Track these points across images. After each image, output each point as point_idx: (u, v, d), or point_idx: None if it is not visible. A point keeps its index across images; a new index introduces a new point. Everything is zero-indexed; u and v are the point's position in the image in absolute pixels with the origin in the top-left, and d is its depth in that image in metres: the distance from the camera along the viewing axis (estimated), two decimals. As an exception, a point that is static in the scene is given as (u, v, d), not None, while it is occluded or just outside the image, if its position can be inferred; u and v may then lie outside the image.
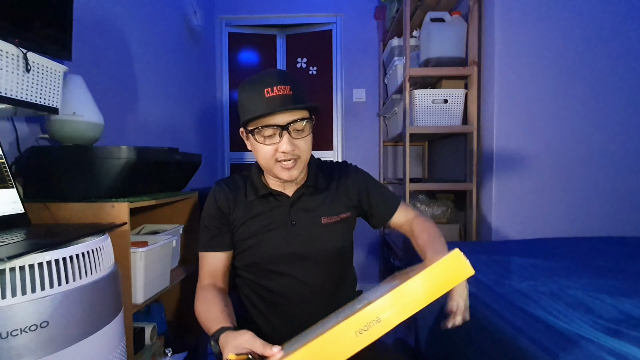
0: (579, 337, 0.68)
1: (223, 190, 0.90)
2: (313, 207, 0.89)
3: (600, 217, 1.63)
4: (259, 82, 0.78)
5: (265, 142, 0.79)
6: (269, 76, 0.78)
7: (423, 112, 1.81)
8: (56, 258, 0.63)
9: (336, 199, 0.91)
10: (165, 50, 1.96)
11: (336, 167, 0.98)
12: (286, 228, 0.87)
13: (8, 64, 0.79)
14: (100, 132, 1.13)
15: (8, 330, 0.56)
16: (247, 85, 0.81)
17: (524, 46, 1.62)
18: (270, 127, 0.77)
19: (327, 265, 0.89)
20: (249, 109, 0.78)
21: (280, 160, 0.80)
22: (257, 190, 0.89)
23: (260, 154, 0.81)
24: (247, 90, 0.80)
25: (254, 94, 0.77)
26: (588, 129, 1.63)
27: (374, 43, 2.83)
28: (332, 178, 0.94)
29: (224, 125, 3.01)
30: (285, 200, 0.89)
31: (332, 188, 0.92)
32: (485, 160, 1.73)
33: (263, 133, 0.78)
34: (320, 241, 0.88)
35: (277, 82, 0.77)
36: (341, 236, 0.91)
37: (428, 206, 2.15)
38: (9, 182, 0.83)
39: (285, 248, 0.86)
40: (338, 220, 0.90)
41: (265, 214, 0.88)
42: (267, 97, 0.76)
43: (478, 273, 1.11)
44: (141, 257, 1.01)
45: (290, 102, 0.77)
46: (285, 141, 0.78)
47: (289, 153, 0.79)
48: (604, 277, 0.99)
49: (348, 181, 0.94)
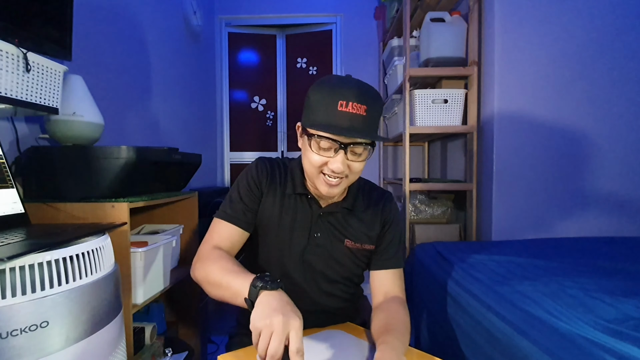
0: (579, 337, 0.68)
1: (266, 168, 0.86)
2: (341, 226, 0.85)
3: (600, 217, 1.63)
4: (336, 89, 0.71)
5: (319, 152, 0.74)
6: (348, 87, 0.71)
7: (423, 112, 1.81)
8: (56, 258, 0.63)
9: (366, 227, 0.86)
10: (165, 50, 1.96)
11: (378, 193, 0.92)
12: (307, 237, 0.84)
13: (8, 64, 0.79)
14: (100, 132, 1.13)
15: (8, 330, 0.56)
16: (324, 87, 0.73)
17: (524, 46, 1.62)
18: (329, 141, 0.72)
19: (339, 285, 0.87)
20: (316, 113, 0.72)
21: (325, 174, 0.75)
22: (296, 186, 0.84)
23: (309, 159, 0.76)
24: (322, 92, 0.72)
25: (327, 100, 0.70)
26: (588, 128, 1.63)
27: (374, 43, 2.83)
28: (370, 203, 0.89)
29: (224, 125, 3.01)
30: (316, 209, 0.84)
31: (367, 214, 0.87)
32: (485, 160, 1.73)
33: (320, 143, 0.73)
34: (336, 263, 0.85)
35: (355, 97, 0.69)
36: (360, 262, 0.88)
37: (428, 206, 2.15)
38: (9, 182, 0.83)
39: (300, 256, 0.84)
40: (361, 248, 0.86)
41: (294, 213, 0.84)
42: (339, 111, 0.69)
43: (478, 273, 1.12)
44: (141, 257, 1.01)
45: (360, 124, 0.70)
46: (339, 160, 0.72)
47: (338, 172, 0.74)
48: (604, 277, 0.99)
49: (384, 211, 0.88)
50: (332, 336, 0.77)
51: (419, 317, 1.40)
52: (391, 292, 0.84)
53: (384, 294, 0.84)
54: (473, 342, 0.98)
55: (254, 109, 3.09)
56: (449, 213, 2.15)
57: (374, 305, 0.85)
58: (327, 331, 0.80)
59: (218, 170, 2.99)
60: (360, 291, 0.98)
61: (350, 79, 0.74)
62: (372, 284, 0.88)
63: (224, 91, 2.99)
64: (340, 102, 0.69)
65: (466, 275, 1.13)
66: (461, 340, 1.04)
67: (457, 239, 1.93)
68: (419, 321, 1.40)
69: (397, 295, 0.84)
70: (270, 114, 3.10)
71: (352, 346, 0.73)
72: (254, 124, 3.09)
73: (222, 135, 3.00)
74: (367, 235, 0.86)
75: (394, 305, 0.80)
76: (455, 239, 1.93)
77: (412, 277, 1.59)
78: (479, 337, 0.95)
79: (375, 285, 0.87)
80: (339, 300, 0.88)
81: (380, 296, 0.85)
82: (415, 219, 2.14)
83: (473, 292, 1.03)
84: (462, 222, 2.00)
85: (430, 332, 1.31)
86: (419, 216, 2.15)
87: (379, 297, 0.85)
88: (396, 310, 0.79)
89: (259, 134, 3.09)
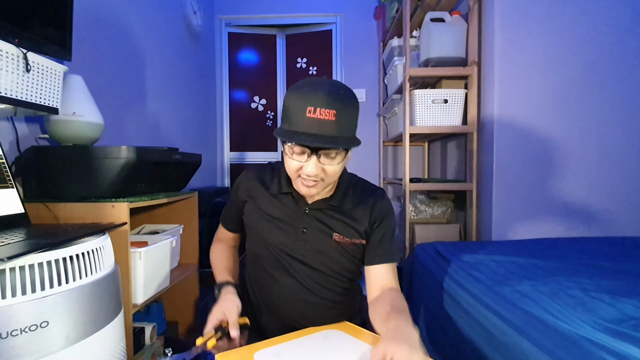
0: (579, 337, 0.68)
1: (254, 175, 0.93)
2: (328, 222, 0.87)
3: (600, 217, 1.63)
4: (305, 95, 0.71)
5: (292, 156, 0.76)
6: (317, 93, 0.71)
7: (423, 112, 1.81)
8: (56, 258, 0.63)
9: (353, 222, 0.87)
10: (165, 50, 1.96)
11: (370, 190, 0.92)
12: (296, 233, 0.86)
13: (8, 64, 0.79)
14: (100, 132, 1.13)
15: (8, 330, 0.56)
16: (295, 92, 0.74)
17: (524, 46, 1.62)
18: (301, 147, 0.73)
19: (330, 278, 0.89)
20: (288, 119, 0.74)
21: (301, 177, 0.77)
22: (282, 186, 0.89)
23: (286, 164, 0.79)
24: (293, 98, 0.73)
25: (297, 106, 0.71)
26: (588, 128, 1.63)
27: (374, 43, 2.83)
28: (360, 201, 0.89)
29: (224, 125, 3.01)
30: (302, 205, 0.87)
31: (356, 211, 0.88)
32: (486, 160, 1.73)
33: (293, 149, 0.75)
34: (325, 256, 0.87)
35: (324, 103, 0.70)
36: (351, 257, 0.88)
37: (428, 206, 2.15)
38: (9, 182, 0.83)
39: (290, 250, 0.86)
40: (350, 243, 0.87)
41: (280, 210, 0.88)
42: (307, 117, 0.70)
43: (478, 273, 1.12)
44: (141, 257, 1.01)
45: (329, 130, 0.71)
46: (311, 164, 0.74)
47: (312, 176, 0.75)
48: (604, 277, 0.99)
49: (374, 208, 0.88)
50: (330, 336, 0.77)
51: (419, 316, 1.40)
52: (387, 285, 0.86)
53: (380, 287, 0.86)
54: (473, 342, 0.98)
55: (254, 109, 3.09)
56: (449, 213, 2.15)
57: (370, 298, 0.87)
58: (326, 331, 0.80)
59: (218, 170, 2.99)
60: (358, 288, 0.99)
61: (323, 82, 0.74)
62: (368, 278, 0.89)
63: (224, 91, 2.99)
64: (308, 108, 0.70)
65: (466, 275, 1.13)
66: (461, 340, 1.04)
67: (457, 239, 1.93)
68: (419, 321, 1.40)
69: (393, 287, 0.86)
70: (270, 114, 3.10)
71: (350, 347, 0.73)
72: (254, 124, 3.09)
73: (222, 135, 3.00)
74: (355, 230, 0.87)
75: (392, 294, 0.83)
76: (455, 239, 1.93)
77: (412, 277, 1.59)
78: (479, 337, 0.95)
79: (370, 279, 0.89)
80: (334, 294, 0.89)
81: (377, 290, 0.86)
82: (415, 219, 2.14)
83: (473, 292, 1.03)
84: (462, 222, 2.00)
85: (430, 332, 1.31)
86: (419, 216, 2.15)
87: (376, 291, 0.86)
88: (395, 297, 0.81)
89: (259, 134, 3.09)
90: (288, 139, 0.72)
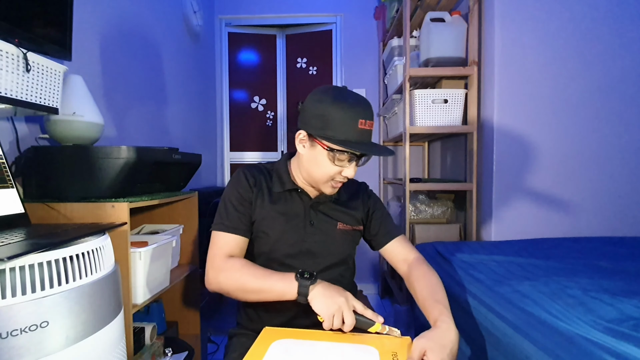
0: (579, 337, 0.68)
1: (252, 175, 0.93)
2: (331, 213, 0.94)
3: (600, 217, 1.63)
4: (353, 107, 0.79)
5: (334, 162, 0.82)
6: (362, 105, 0.80)
7: (423, 112, 1.81)
8: (56, 258, 0.63)
9: (351, 211, 0.96)
10: (165, 50, 1.96)
11: (356, 184, 1.04)
12: (304, 226, 0.91)
13: (8, 64, 0.79)
14: (100, 132, 1.13)
15: (8, 330, 0.56)
16: (340, 102, 0.79)
17: (524, 46, 1.62)
18: (350, 155, 0.81)
19: (334, 268, 0.93)
20: (336, 129, 0.78)
21: (334, 179, 0.85)
22: (284, 183, 0.92)
23: (320, 167, 0.83)
24: (340, 109, 0.78)
25: (348, 117, 0.78)
26: (588, 128, 1.63)
27: (374, 43, 2.83)
28: (351, 194, 1.00)
29: (224, 125, 3.01)
30: (307, 200, 0.93)
31: (351, 202, 0.98)
32: (486, 160, 1.73)
33: (339, 156, 0.81)
34: (333, 244, 0.93)
35: (367, 115, 0.80)
36: (351, 243, 0.96)
37: (428, 206, 2.15)
38: (9, 182, 0.83)
39: (300, 244, 0.90)
40: (351, 229, 0.95)
41: (287, 207, 0.91)
42: (360, 129, 0.79)
43: (478, 273, 1.11)
44: (141, 257, 1.01)
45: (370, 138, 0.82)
46: (353, 168, 0.83)
47: (350, 178, 0.85)
48: (604, 277, 0.99)
49: (363, 199, 1.00)
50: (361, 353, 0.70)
51: (418, 316, 1.40)
52: (410, 257, 0.94)
53: (403, 260, 0.95)
54: (473, 342, 0.98)
55: (254, 109, 3.09)
56: (449, 213, 2.15)
57: (402, 272, 0.95)
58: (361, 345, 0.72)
59: (218, 170, 2.99)
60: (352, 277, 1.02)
61: (356, 94, 0.83)
62: (389, 257, 0.98)
63: (224, 91, 2.99)
64: (360, 120, 0.78)
65: (466, 275, 1.13)
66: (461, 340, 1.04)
67: (457, 239, 1.93)
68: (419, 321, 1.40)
69: (416, 257, 0.94)
70: (270, 114, 3.10)
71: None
72: (254, 124, 3.09)
73: (222, 135, 3.00)
74: (354, 218, 0.96)
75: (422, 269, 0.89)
76: (455, 239, 1.93)
77: (412, 277, 1.59)
78: (479, 337, 0.95)
79: (392, 257, 0.97)
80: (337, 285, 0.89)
81: (403, 264, 0.94)
82: (415, 219, 2.14)
83: (473, 292, 1.03)
84: (462, 222, 2.00)
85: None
86: (419, 216, 2.15)
87: (403, 265, 0.94)
88: (423, 272, 0.88)
89: (259, 134, 3.09)
90: (351, 148, 0.79)
